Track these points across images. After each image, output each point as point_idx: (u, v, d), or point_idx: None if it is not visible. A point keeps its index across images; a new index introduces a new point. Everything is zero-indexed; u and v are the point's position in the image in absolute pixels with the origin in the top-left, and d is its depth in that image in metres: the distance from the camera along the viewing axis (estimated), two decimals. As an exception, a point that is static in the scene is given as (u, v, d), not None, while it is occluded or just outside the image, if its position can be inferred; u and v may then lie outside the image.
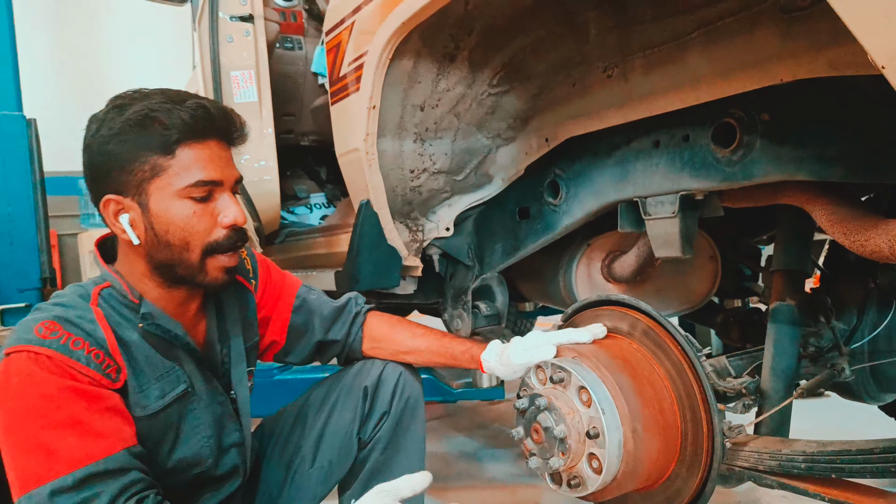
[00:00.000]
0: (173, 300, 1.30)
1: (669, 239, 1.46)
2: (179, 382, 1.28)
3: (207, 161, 1.22)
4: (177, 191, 1.20)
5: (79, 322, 1.16)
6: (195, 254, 1.23)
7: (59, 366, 1.10)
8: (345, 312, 1.63)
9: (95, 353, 1.14)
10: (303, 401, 1.63)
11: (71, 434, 1.07)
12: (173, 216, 1.20)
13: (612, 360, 1.30)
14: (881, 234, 1.13)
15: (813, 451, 1.23)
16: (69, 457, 1.06)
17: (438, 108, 1.80)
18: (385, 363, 1.59)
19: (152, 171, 1.19)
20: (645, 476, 1.29)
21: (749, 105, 1.28)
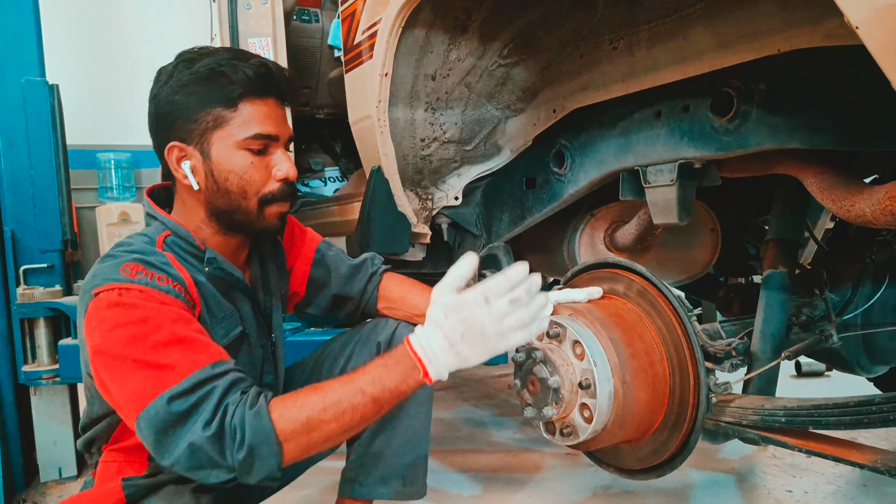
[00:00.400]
0: (229, 246, 1.39)
1: (668, 206, 1.52)
2: (237, 324, 1.38)
3: (266, 116, 1.29)
4: (237, 142, 1.28)
5: (157, 263, 1.23)
6: (252, 202, 1.32)
7: (151, 296, 1.17)
8: (362, 270, 1.71)
9: (178, 288, 1.22)
10: (320, 352, 1.71)
11: (175, 349, 1.13)
12: (233, 165, 1.29)
13: (605, 317, 1.37)
14: (865, 200, 1.19)
15: (793, 407, 1.30)
16: (178, 368, 1.12)
17: (450, 78, 1.86)
18: (398, 322, 1.66)
19: (215, 122, 1.28)
20: (634, 426, 1.36)
21: (747, 76, 1.33)
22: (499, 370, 4.23)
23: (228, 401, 1.12)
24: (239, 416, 1.10)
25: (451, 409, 3.38)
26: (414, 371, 1.14)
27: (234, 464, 1.10)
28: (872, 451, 1.24)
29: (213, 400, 1.11)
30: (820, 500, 2.15)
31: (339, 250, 1.73)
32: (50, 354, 2.49)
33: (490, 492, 2.33)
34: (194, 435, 1.09)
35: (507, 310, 1.09)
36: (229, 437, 1.10)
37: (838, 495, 2.19)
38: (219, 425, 1.09)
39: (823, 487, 2.25)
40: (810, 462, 2.48)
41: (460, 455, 2.71)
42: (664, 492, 2.27)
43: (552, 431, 1.41)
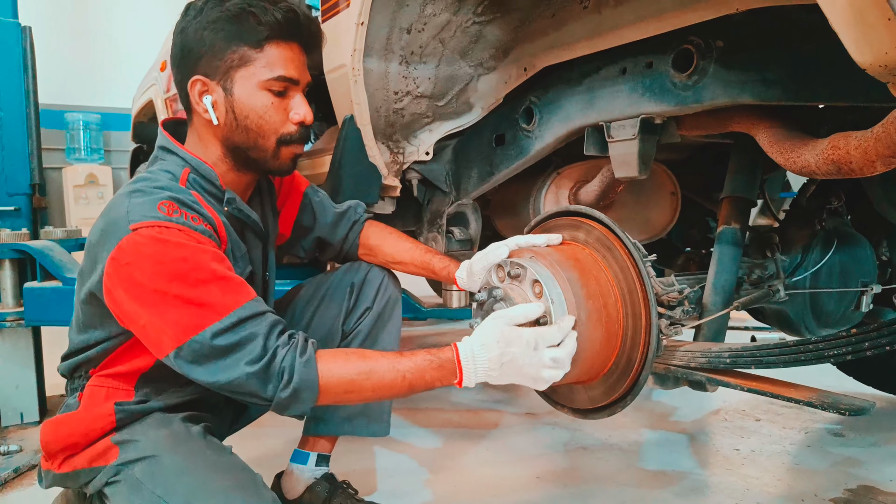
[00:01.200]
0: (240, 184, 1.44)
1: (629, 159, 1.58)
2: (248, 264, 1.43)
3: (289, 60, 1.34)
4: (259, 82, 1.32)
5: (190, 203, 1.26)
6: (270, 141, 1.37)
7: (190, 236, 1.20)
8: (345, 218, 1.77)
9: (209, 229, 1.26)
10: (294, 292, 1.77)
11: (215, 287, 1.18)
12: (254, 104, 1.33)
13: (564, 260, 1.43)
14: (810, 151, 1.26)
15: (737, 349, 1.38)
16: (220, 304, 1.17)
17: (424, 33, 1.90)
18: (371, 266, 1.74)
19: (241, 60, 1.31)
20: (588, 366, 1.42)
21: (707, 33, 1.40)
22: (464, 338, 4.30)
23: (278, 343, 1.18)
24: (290, 360, 1.17)
25: (415, 371, 3.44)
26: (452, 376, 1.25)
27: (275, 398, 1.18)
28: (808, 389, 1.32)
29: (259, 339, 1.17)
30: (765, 458, 2.25)
31: (325, 195, 1.78)
32: (15, 297, 2.49)
33: (450, 445, 2.40)
34: (238, 371, 1.15)
35: (548, 363, 1.25)
36: (276, 376, 1.16)
37: (783, 454, 2.30)
38: (266, 364, 1.16)
39: (769, 447, 2.36)
40: (758, 425, 2.59)
41: (423, 412, 2.78)
42: (618, 448, 2.35)
43: (509, 369, 1.47)
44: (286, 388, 1.16)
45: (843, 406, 1.21)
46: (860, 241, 2.06)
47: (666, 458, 2.27)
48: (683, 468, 2.17)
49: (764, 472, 2.14)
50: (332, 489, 1.73)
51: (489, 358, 1.24)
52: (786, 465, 2.20)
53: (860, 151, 1.12)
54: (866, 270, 2.05)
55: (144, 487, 1.20)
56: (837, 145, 1.19)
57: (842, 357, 1.21)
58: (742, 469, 2.16)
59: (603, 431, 2.51)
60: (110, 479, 1.27)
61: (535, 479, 2.09)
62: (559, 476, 2.11)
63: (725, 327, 1.63)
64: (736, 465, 2.20)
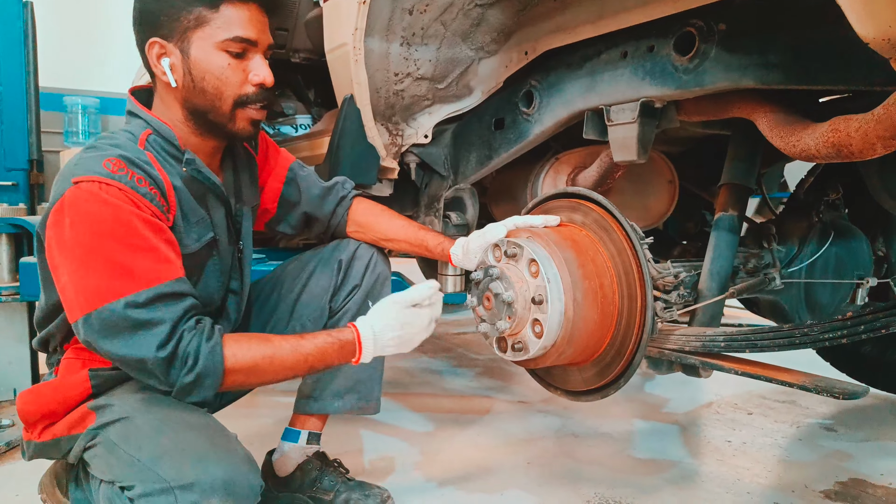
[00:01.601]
0: (204, 148, 1.42)
1: (628, 143, 1.58)
2: (209, 230, 1.41)
3: (247, 21, 1.32)
4: (216, 42, 1.31)
5: (139, 163, 1.25)
6: (227, 103, 1.35)
7: (129, 197, 1.19)
8: (333, 192, 1.75)
9: (154, 192, 1.25)
10: (280, 270, 1.75)
11: (143, 256, 1.18)
12: (210, 65, 1.32)
13: (561, 240, 1.43)
14: (810, 134, 1.26)
15: (732, 333, 1.38)
16: (144, 276, 1.16)
17: (426, 14, 1.89)
18: (359, 243, 1.72)
19: (197, 21, 1.30)
20: (582, 345, 1.42)
21: (708, 16, 1.39)
22: (457, 328, 4.31)
23: (184, 327, 1.18)
24: (194, 346, 1.17)
25: (409, 359, 3.44)
26: (351, 356, 1.36)
27: (177, 384, 1.19)
28: (801, 374, 1.32)
29: (168, 323, 1.16)
30: (757, 451, 2.25)
31: (312, 171, 1.76)
32: (10, 271, 2.48)
33: (441, 429, 2.40)
34: (146, 351, 1.15)
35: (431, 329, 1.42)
36: (180, 361, 1.17)
37: (774, 446, 2.30)
38: (172, 350, 1.16)
39: (760, 440, 2.36)
40: (750, 418, 2.60)
41: (415, 398, 2.78)
42: (609, 436, 2.36)
43: (504, 348, 1.47)
44: (190, 374, 1.17)
45: (837, 390, 1.22)
46: (857, 235, 2.07)
47: (657, 446, 2.27)
48: (674, 457, 2.17)
49: (755, 463, 2.14)
50: (323, 467, 1.72)
51: (391, 337, 1.37)
52: (777, 457, 2.20)
53: (861, 134, 1.12)
54: (862, 264, 2.06)
55: (118, 448, 1.19)
56: (837, 128, 1.18)
57: (837, 340, 1.21)
58: (733, 460, 2.16)
59: (594, 420, 2.52)
60: (88, 443, 1.26)
61: (526, 463, 2.09)
62: (549, 461, 2.11)
63: (720, 313, 1.63)
64: (727, 455, 2.20)
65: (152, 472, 1.12)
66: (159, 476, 1.11)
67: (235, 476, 1.13)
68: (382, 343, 1.37)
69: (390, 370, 3.19)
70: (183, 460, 1.12)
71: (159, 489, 1.10)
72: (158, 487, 1.10)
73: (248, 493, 1.14)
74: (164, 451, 1.14)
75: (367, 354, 1.36)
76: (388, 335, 1.36)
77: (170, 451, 1.14)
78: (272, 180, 1.68)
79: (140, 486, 1.12)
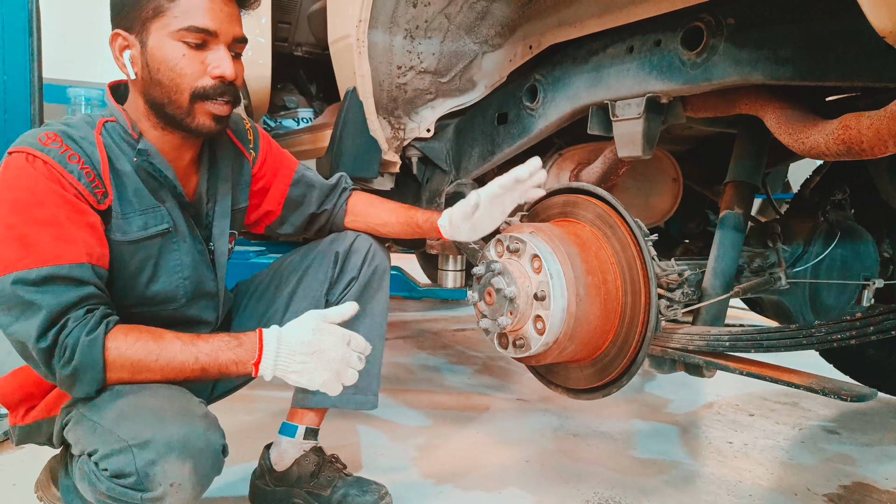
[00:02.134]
0: (168, 143, 1.37)
1: (633, 139, 1.56)
2: (163, 221, 1.36)
3: (206, 10, 1.27)
4: (171, 32, 1.26)
5: (79, 141, 1.24)
6: (184, 96, 1.29)
7: (51, 171, 1.18)
8: (335, 189, 1.73)
9: (87, 172, 1.23)
10: (279, 262, 1.73)
11: (47, 233, 1.15)
12: (165, 56, 1.27)
13: (564, 235, 1.41)
14: (819, 132, 1.24)
15: (737, 332, 1.36)
16: (40, 252, 1.14)
17: (430, 7, 1.87)
18: (357, 234, 1.69)
19: (155, 11, 1.27)
20: (584, 342, 1.41)
21: (717, 10, 1.37)
22: (456, 324, 4.29)
23: (71, 315, 1.15)
24: (74, 338, 1.14)
25: (407, 355, 3.42)
26: (250, 356, 1.23)
27: (57, 375, 1.16)
28: (807, 375, 1.30)
29: (56, 308, 1.13)
30: (758, 453, 2.23)
31: (315, 172, 1.74)
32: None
33: (439, 426, 2.38)
34: (26, 336, 1.13)
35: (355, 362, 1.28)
36: (58, 352, 1.14)
37: (776, 449, 2.28)
38: (52, 340, 1.13)
39: (762, 442, 2.34)
40: (752, 420, 2.57)
41: (414, 394, 2.75)
42: (609, 436, 2.33)
43: (505, 344, 1.45)
44: (67, 366, 1.14)
45: (845, 392, 1.19)
46: (863, 236, 2.05)
47: (657, 447, 2.25)
48: (675, 458, 2.15)
49: (756, 465, 2.12)
50: (321, 463, 1.70)
51: (301, 342, 1.24)
52: (778, 460, 2.18)
53: (872, 131, 1.10)
54: (868, 265, 2.03)
55: (84, 418, 1.19)
56: (848, 125, 1.16)
57: (845, 341, 1.19)
58: (734, 461, 2.14)
59: (594, 419, 2.49)
60: (63, 422, 1.26)
61: (525, 462, 2.07)
62: (548, 460, 2.09)
63: (725, 312, 1.61)
64: (728, 457, 2.18)
65: (112, 434, 1.12)
66: (118, 437, 1.11)
67: (192, 433, 1.12)
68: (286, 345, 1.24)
69: (389, 366, 3.17)
70: (141, 420, 1.12)
71: (118, 449, 1.10)
72: (117, 447, 1.10)
73: (206, 449, 1.13)
74: (123, 413, 1.13)
75: (267, 357, 1.23)
76: (297, 337, 1.25)
77: (128, 413, 1.13)
78: (277, 182, 1.65)
79: (101, 448, 1.12)
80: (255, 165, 1.62)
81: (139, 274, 1.34)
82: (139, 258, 1.32)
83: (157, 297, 1.38)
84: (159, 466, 1.09)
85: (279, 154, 1.68)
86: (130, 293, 1.32)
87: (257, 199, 1.65)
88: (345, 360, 1.27)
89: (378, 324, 1.67)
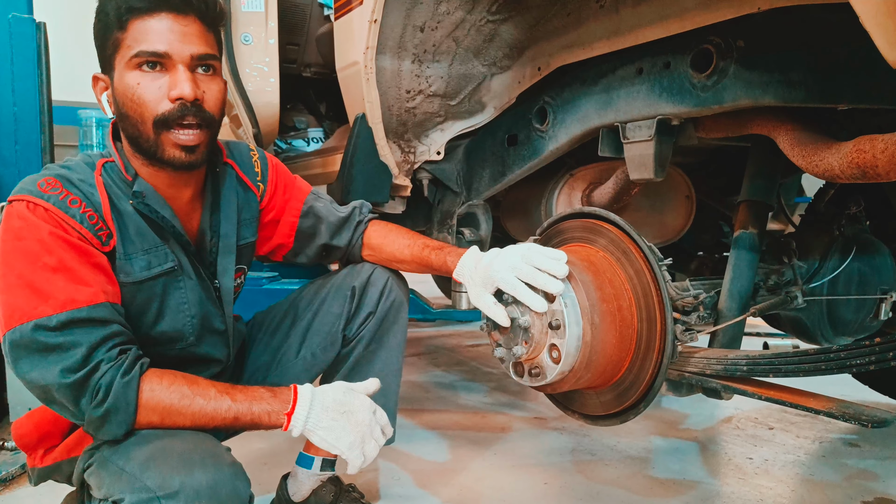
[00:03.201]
0: (162, 181, 1.35)
1: (644, 161, 1.55)
2: (167, 260, 1.34)
3: (156, 33, 1.22)
4: (125, 62, 1.23)
5: (79, 184, 1.24)
6: (147, 126, 1.25)
7: (53, 217, 1.18)
8: (350, 220, 1.69)
9: (90, 215, 1.22)
10: (295, 295, 1.72)
11: (59, 278, 1.15)
12: (125, 87, 1.24)
13: (578, 261, 1.40)
14: (833, 154, 1.22)
15: (755, 356, 1.34)
16: (56, 298, 1.13)
17: (438, 31, 1.88)
18: (374, 267, 1.67)
19: (114, 46, 1.25)
20: (600, 370, 1.39)
21: (726, 32, 1.36)
22: (471, 339, 4.28)
23: (102, 357, 1.14)
24: (108, 378, 1.13)
25: (422, 373, 3.42)
26: (284, 406, 1.25)
27: (87, 416, 1.15)
28: (827, 399, 1.28)
29: (82, 348, 1.13)
30: (779, 469, 2.21)
31: (329, 200, 1.70)
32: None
33: (456, 449, 2.37)
34: (51, 376, 1.11)
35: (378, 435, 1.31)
36: (90, 392, 1.13)
37: (797, 464, 2.25)
38: (83, 377, 1.12)
39: (783, 457, 2.31)
40: (772, 434, 2.55)
41: (430, 415, 2.75)
42: (627, 456, 2.32)
43: (521, 373, 1.44)
44: (99, 407, 1.13)
45: (865, 417, 1.18)
46: (880, 249, 2.02)
47: (676, 466, 2.23)
48: (694, 477, 2.13)
49: (777, 482, 2.10)
50: (338, 493, 1.70)
51: (333, 399, 1.28)
52: (800, 476, 2.15)
53: (887, 155, 1.09)
54: (886, 278, 2.01)
55: (109, 462, 1.18)
56: (863, 148, 1.15)
57: (865, 367, 1.17)
58: (755, 479, 2.12)
59: (611, 438, 2.48)
60: (86, 464, 1.25)
61: (543, 484, 2.06)
62: (567, 482, 2.08)
63: (741, 334, 1.60)
64: (749, 474, 2.15)
65: (138, 482, 1.10)
66: (145, 485, 1.09)
67: (220, 482, 1.10)
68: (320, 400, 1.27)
69: (403, 385, 3.16)
70: (168, 468, 1.10)
71: (146, 499, 1.08)
72: (145, 497, 1.08)
73: (234, 498, 1.12)
74: (149, 459, 1.12)
75: (301, 409, 1.25)
76: (330, 395, 1.28)
77: (155, 459, 1.12)
78: (287, 214, 1.63)
79: (128, 496, 1.10)
80: (264, 198, 1.60)
81: (144, 314, 1.33)
82: (143, 298, 1.31)
83: (163, 336, 1.37)
84: None
85: (289, 183, 1.65)
86: (135, 333, 1.29)
87: (268, 231, 1.63)
88: (370, 428, 1.28)
89: (394, 358, 1.66)
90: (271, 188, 1.61)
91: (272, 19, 2.48)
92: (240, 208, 1.54)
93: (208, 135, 1.31)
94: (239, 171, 1.54)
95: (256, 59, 2.48)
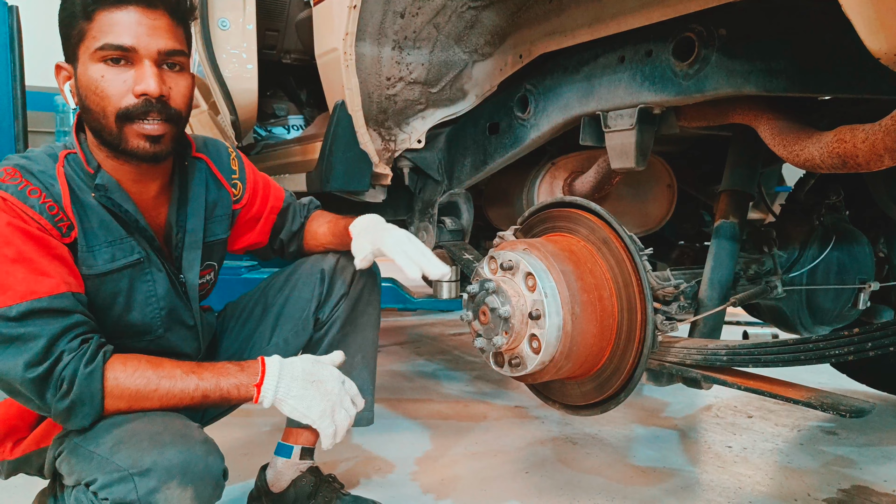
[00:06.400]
0: (126, 174, 1.32)
1: (626, 150, 1.54)
2: (133, 252, 1.32)
3: (123, 26, 1.20)
4: (90, 54, 1.20)
5: (39, 175, 1.21)
6: (109, 120, 1.22)
7: (12, 208, 1.15)
8: (300, 212, 1.73)
9: (50, 206, 1.19)
10: (265, 283, 1.71)
11: (18, 269, 1.13)
12: (88, 79, 1.21)
13: (559, 252, 1.40)
14: (814, 144, 1.22)
15: (735, 346, 1.34)
16: (15, 289, 1.11)
17: (419, 17, 1.85)
18: (339, 254, 1.67)
19: (78, 36, 1.22)
20: (581, 360, 1.39)
21: (708, 21, 1.35)
22: (454, 328, 4.27)
23: (64, 347, 1.13)
24: (71, 369, 1.12)
25: (404, 361, 3.41)
26: (252, 378, 1.25)
27: (52, 409, 1.13)
28: (806, 389, 1.29)
29: (43, 340, 1.11)
30: (757, 456, 2.22)
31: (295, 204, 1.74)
32: None
33: (437, 437, 2.36)
34: (14, 370, 1.10)
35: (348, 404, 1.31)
36: (54, 384, 1.12)
37: (775, 452, 2.27)
38: (46, 370, 1.11)
39: (761, 445, 2.33)
40: (750, 422, 2.57)
41: (411, 404, 2.74)
42: (607, 443, 2.32)
43: (501, 363, 1.44)
44: (64, 399, 1.12)
45: (843, 407, 1.18)
46: (858, 238, 2.03)
47: (656, 454, 2.24)
48: (674, 465, 2.14)
49: (756, 470, 2.11)
50: (318, 483, 1.69)
51: (302, 369, 1.27)
52: (778, 464, 2.17)
53: (868, 145, 1.09)
54: (864, 267, 2.02)
55: (79, 447, 1.17)
56: (843, 138, 1.15)
57: (843, 357, 1.17)
58: (734, 467, 2.13)
59: (592, 426, 2.48)
60: (56, 452, 1.24)
61: (524, 472, 2.06)
62: (548, 470, 2.08)
63: (722, 324, 1.60)
64: (728, 462, 2.17)
65: (110, 462, 1.10)
66: (117, 465, 1.09)
67: (193, 459, 1.10)
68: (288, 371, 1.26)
69: (387, 375, 3.16)
70: (139, 447, 1.10)
71: (118, 478, 1.08)
72: (117, 476, 1.08)
73: (207, 475, 1.12)
74: (120, 441, 1.12)
75: (269, 380, 1.24)
76: (298, 365, 1.28)
77: (125, 440, 1.11)
78: (266, 214, 1.65)
79: (100, 477, 1.10)
80: (243, 196, 1.59)
81: (111, 307, 1.31)
82: (109, 290, 1.29)
83: (131, 328, 1.35)
84: (161, 494, 1.07)
85: (265, 183, 1.67)
86: (103, 325, 1.28)
87: (246, 228, 1.64)
88: (339, 398, 1.28)
89: (369, 339, 1.66)
90: (251, 186, 1.61)
91: (250, 4, 2.44)
92: (211, 204, 1.51)
93: (174, 128, 1.29)
94: (212, 166, 1.53)
95: (234, 45, 2.44)
